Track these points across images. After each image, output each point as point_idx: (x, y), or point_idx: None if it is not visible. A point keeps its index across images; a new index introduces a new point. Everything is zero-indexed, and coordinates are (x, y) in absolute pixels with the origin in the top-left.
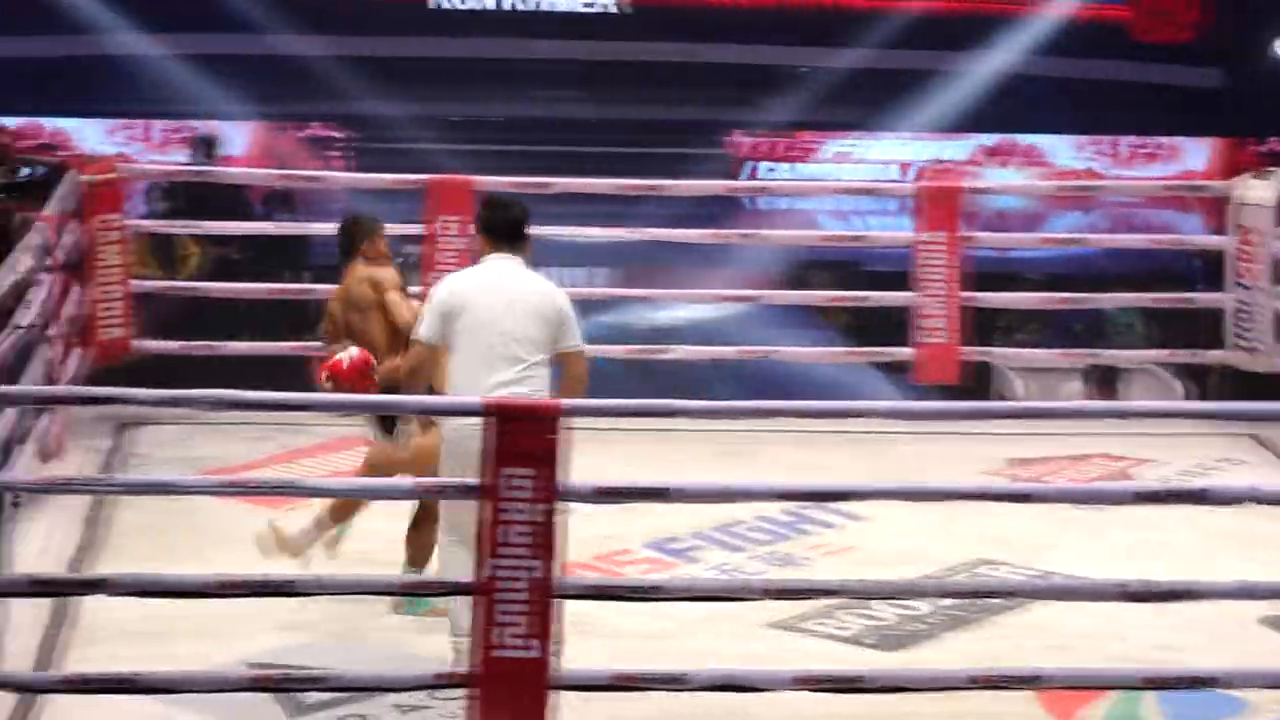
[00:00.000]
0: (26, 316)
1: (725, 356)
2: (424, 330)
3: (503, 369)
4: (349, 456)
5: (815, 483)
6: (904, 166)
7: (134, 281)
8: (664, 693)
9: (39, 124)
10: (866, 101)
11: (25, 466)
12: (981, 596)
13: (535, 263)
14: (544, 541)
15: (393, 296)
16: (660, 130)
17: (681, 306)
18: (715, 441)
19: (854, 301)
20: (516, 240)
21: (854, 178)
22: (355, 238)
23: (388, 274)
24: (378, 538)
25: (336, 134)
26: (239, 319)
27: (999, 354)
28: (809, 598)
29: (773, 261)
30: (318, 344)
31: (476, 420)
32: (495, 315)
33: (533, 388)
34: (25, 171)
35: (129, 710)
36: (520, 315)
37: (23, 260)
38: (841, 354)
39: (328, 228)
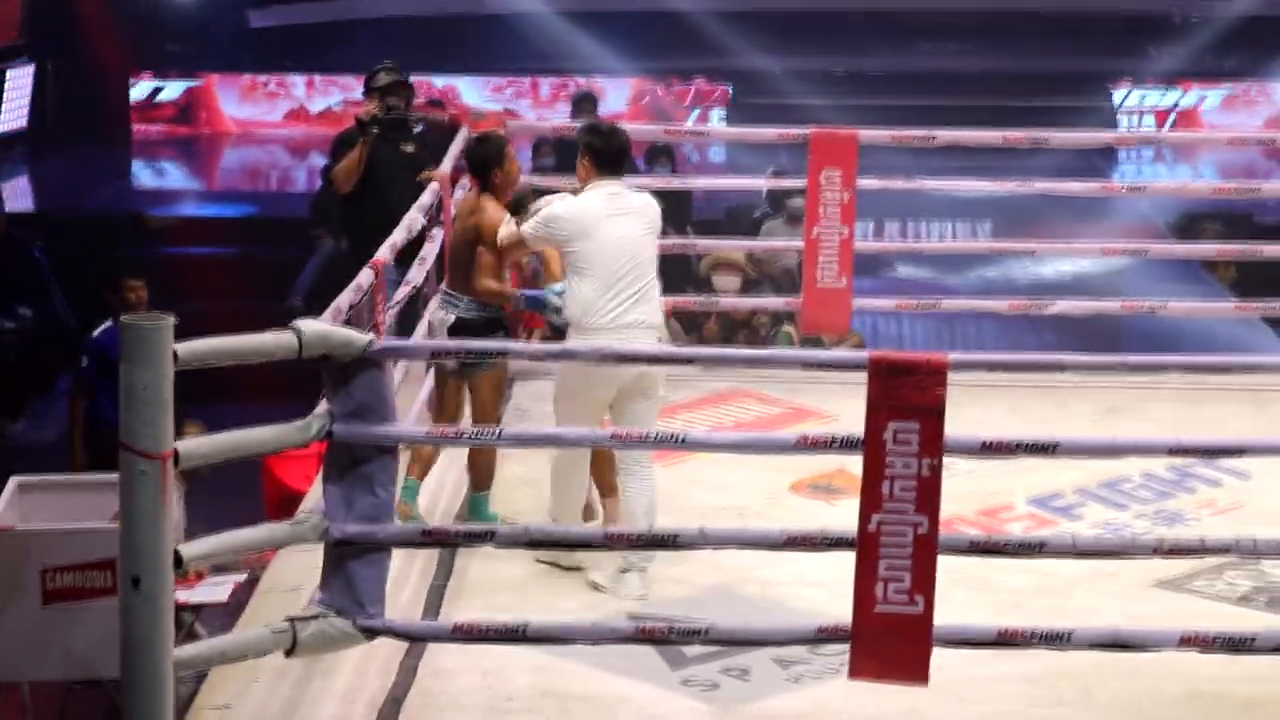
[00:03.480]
0: (419, 274)
1: (1109, 311)
2: (530, 235)
3: (624, 291)
4: (729, 411)
5: (1206, 438)
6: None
7: None
8: (1043, 650)
9: (428, 81)
10: (1256, 49)
11: (415, 419)
12: None
13: (918, 215)
14: (929, 496)
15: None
16: (1043, 81)
17: (1065, 260)
18: (1098, 398)
19: (1242, 256)
20: (618, 167)
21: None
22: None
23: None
24: (755, 491)
25: (717, 88)
26: None
27: None
28: (1198, 556)
29: (1152, 215)
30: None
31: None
32: (617, 241)
33: (653, 308)
34: (418, 129)
35: (516, 660)
36: (635, 235)
37: (416, 218)
38: (1231, 308)
39: (711, 183)
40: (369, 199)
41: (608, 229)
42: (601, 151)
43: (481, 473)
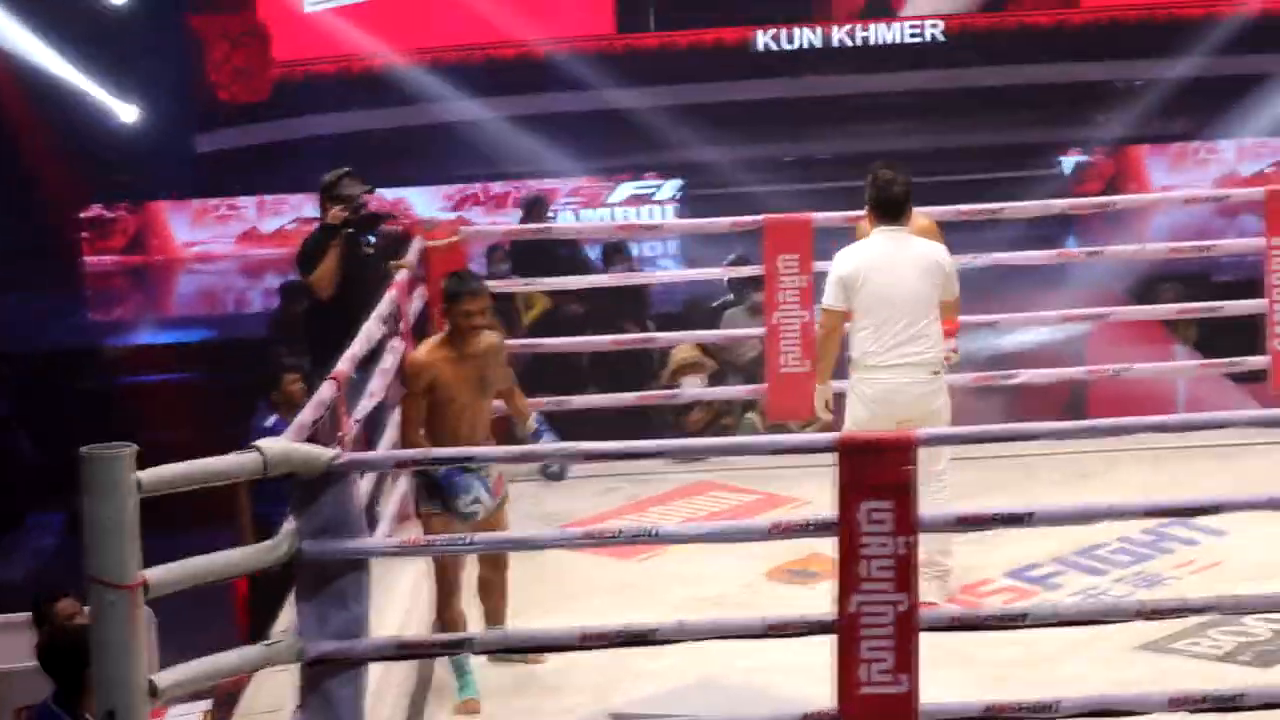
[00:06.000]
0: (380, 383)
1: (1073, 377)
2: (830, 300)
3: (897, 332)
4: (701, 502)
5: (1181, 498)
6: None
7: None
8: None
9: (378, 195)
10: (1203, 109)
11: (384, 530)
12: None
13: None
14: (906, 574)
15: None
16: (990, 154)
17: (1024, 331)
18: (1067, 465)
19: (1205, 313)
20: (898, 214)
21: None
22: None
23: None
24: (731, 580)
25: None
26: (584, 372)
27: None
28: (1181, 617)
29: (1109, 281)
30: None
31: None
32: (889, 285)
33: (925, 345)
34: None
35: None
36: (908, 280)
37: (375, 328)
38: (1194, 366)
39: (671, 275)
40: (341, 303)
41: (881, 275)
42: (877, 201)
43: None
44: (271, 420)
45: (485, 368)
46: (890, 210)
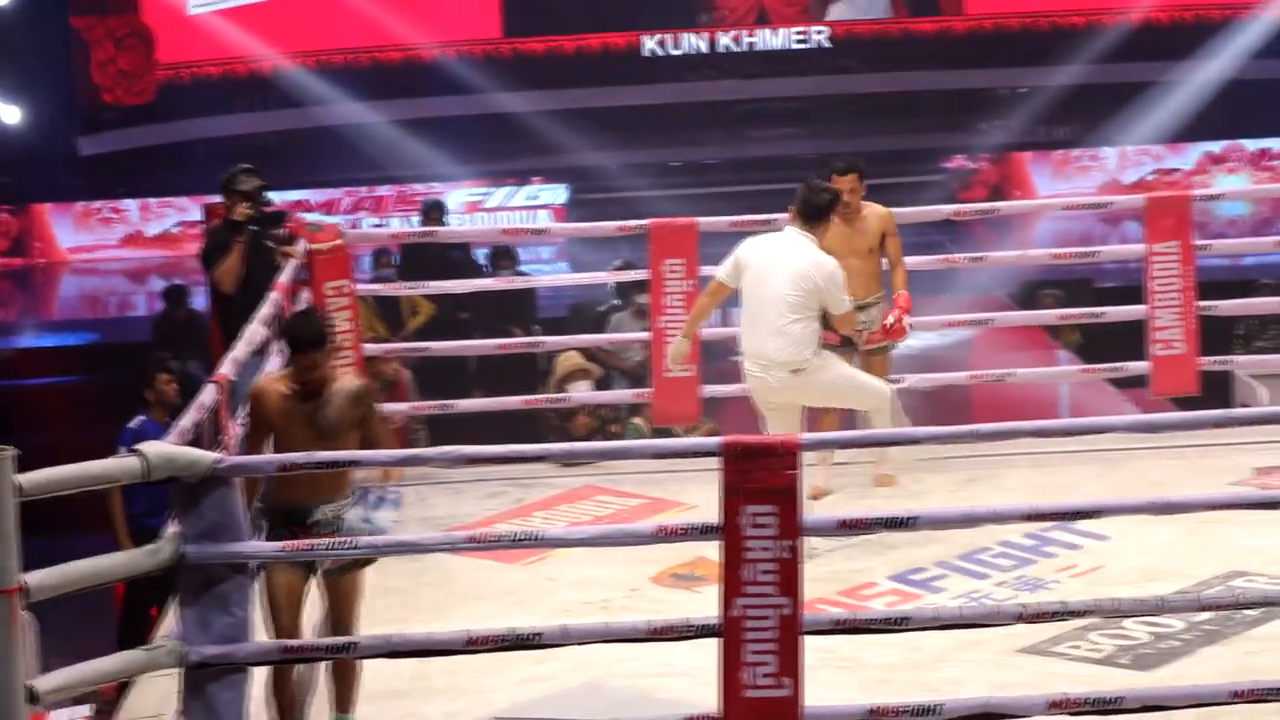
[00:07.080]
0: None
1: (957, 382)
2: (720, 270)
3: (761, 325)
4: (587, 507)
5: (1061, 502)
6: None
7: (365, 345)
8: None
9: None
10: (1085, 117)
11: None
12: (1239, 609)
13: None
14: (790, 578)
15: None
16: (875, 160)
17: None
18: (955, 471)
19: (1086, 319)
20: (813, 220)
21: None
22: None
23: None
24: (617, 584)
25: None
26: (470, 376)
27: (1240, 362)
28: (1061, 620)
29: (992, 286)
30: (547, 397)
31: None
32: (763, 278)
33: (782, 343)
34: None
35: None
36: (775, 280)
37: (258, 331)
38: (1076, 372)
39: (558, 279)
40: (245, 298)
41: (758, 269)
42: (799, 202)
43: (347, 687)
44: (138, 421)
45: (331, 412)
46: (805, 214)
